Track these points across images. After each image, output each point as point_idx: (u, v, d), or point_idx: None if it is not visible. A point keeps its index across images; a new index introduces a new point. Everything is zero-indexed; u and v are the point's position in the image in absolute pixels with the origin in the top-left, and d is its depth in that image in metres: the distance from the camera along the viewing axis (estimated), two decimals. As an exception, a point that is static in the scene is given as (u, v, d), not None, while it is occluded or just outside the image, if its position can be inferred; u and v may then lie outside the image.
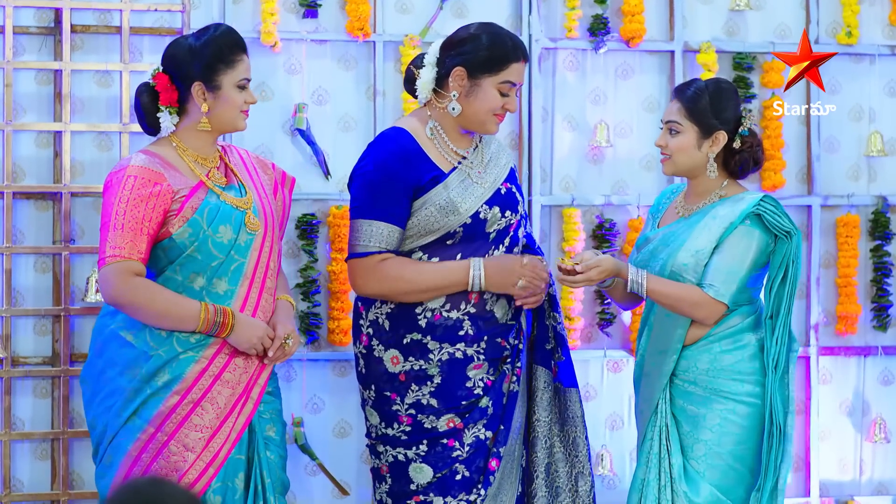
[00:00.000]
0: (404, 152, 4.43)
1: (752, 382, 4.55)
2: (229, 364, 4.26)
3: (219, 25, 4.37)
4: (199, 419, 4.21)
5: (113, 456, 4.23)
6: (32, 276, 5.47)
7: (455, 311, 4.43)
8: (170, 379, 4.20)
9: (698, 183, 4.65)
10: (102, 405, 4.26)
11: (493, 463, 4.45)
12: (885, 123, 6.19)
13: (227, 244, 4.26)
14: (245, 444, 4.32)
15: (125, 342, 4.23)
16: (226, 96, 4.28)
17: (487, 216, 4.45)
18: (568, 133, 5.95)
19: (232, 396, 4.26)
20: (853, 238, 6.07)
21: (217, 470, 4.23)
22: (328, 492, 5.72)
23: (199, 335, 4.23)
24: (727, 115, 4.58)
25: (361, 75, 5.79)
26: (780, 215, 4.53)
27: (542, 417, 4.52)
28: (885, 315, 6.13)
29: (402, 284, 4.39)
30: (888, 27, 6.21)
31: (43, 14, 5.47)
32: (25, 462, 5.47)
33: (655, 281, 4.52)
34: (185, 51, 4.29)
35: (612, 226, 5.90)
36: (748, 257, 4.52)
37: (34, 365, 5.43)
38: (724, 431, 4.52)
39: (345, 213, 5.63)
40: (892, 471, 6.19)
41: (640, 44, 5.95)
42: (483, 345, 4.45)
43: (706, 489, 4.50)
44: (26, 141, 5.46)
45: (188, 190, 4.24)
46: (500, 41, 4.41)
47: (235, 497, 4.28)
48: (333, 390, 5.76)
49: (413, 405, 4.45)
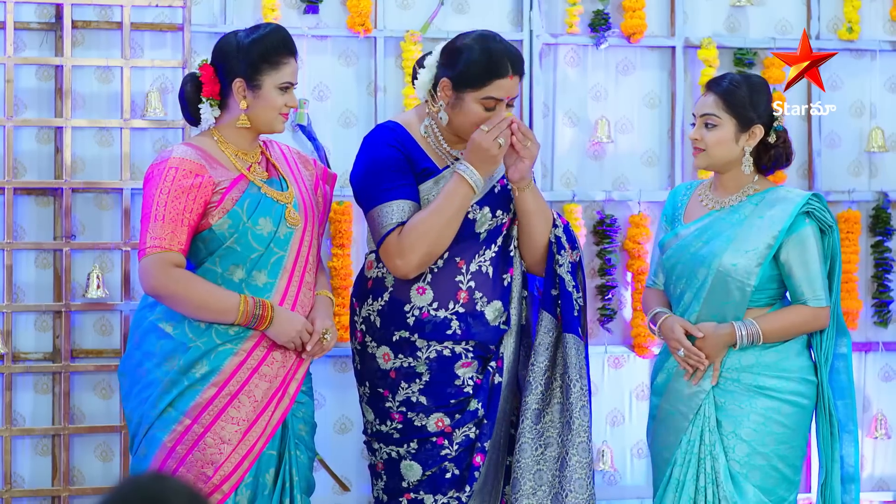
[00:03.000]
0: (397, 141, 4.42)
1: (797, 381, 4.49)
2: (267, 357, 4.25)
3: (269, 25, 4.32)
4: (236, 412, 4.20)
5: (147, 448, 4.21)
6: (33, 271, 5.47)
7: (443, 310, 4.41)
8: (208, 371, 4.19)
9: (730, 177, 4.57)
10: (139, 397, 4.24)
11: (478, 458, 4.42)
12: (887, 119, 6.19)
13: (266, 237, 4.25)
14: (278, 440, 4.31)
15: (164, 333, 4.22)
16: (266, 96, 4.25)
17: (476, 216, 4.41)
18: (569, 129, 5.94)
19: (269, 390, 4.25)
20: (854, 234, 6.07)
21: (252, 463, 4.22)
22: (329, 487, 5.72)
23: (238, 327, 4.22)
24: (763, 109, 4.54)
25: (362, 71, 5.79)
26: (826, 211, 4.53)
27: (538, 362, 4.44)
28: (885, 311, 6.13)
29: (431, 237, 4.30)
30: (889, 23, 6.20)
31: (44, 10, 5.47)
32: (26, 458, 5.47)
33: (766, 324, 4.48)
34: (232, 46, 4.27)
35: (612, 221, 5.90)
36: (819, 254, 4.50)
37: (35, 361, 5.44)
38: (768, 431, 4.46)
39: (346, 209, 5.64)
40: (892, 467, 6.19)
41: (641, 39, 5.95)
42: (472, 343, 4.42)
43: (750, 490, 4.46)
44: (27, 136, 5.46)
45: (229, 182, 4.23)
46: (488, 56, 4.28)
47: (265, 493, 4.28)
48: (334, 386, 5.76)
49: (404, 402, 4.45)
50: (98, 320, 5.48)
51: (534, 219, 4.44)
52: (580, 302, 4.50)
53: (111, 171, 5.50)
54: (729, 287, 4.47)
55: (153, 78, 5.54)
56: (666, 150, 6.03)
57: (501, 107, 4.31)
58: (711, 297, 4.49)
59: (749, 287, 4.45)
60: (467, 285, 4.43)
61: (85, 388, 5.50)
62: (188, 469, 4.16)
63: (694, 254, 4.53)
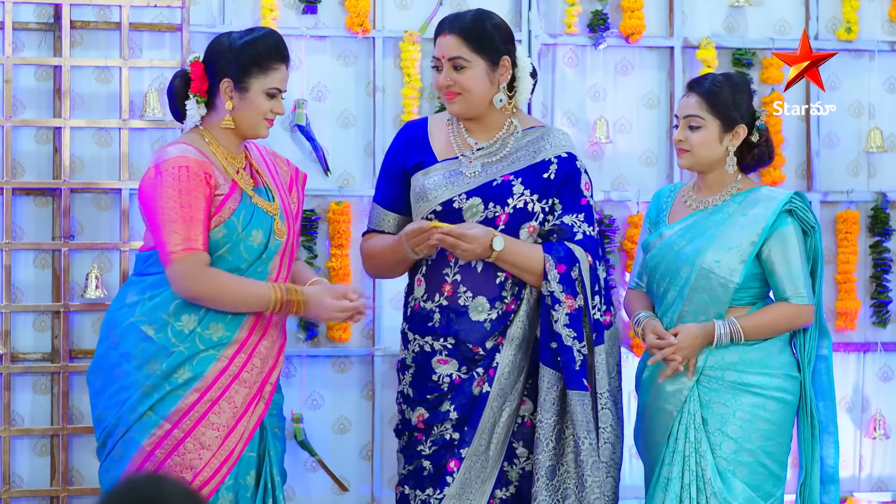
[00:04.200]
0: (405, 138, 4.52)
1: (782, 377, 4.53)
2: (248, 364, 4.26)
3: (264, 29, 4.34)
4: (217, 418, 4.21)
5: (124, 450, 4.21)
6: (32, 272, 5.46)
7: (430, 302, 4.43)
8: (190, 376, 4.19)
9: (714, 177, 4.61)
10: (114, 398, 4.23)
11: (453, 464, 4.38)
12: (885, 119, 6.19)
13: (257, 248, 4.25)
14: (256, 441, 4.32)
15: (146, 336, 4.21)
16: (252, 100, 4.25)
17: (463, 206, 4.40)
18: (567, 129, 5.94)
19: (248, 396, 4.26)
20: (853, 234, 6.07)
21: (230, 468, 4.23)
22: (328, 488, 5.72)
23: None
24: (745, 109, 4.57)
25: (361, 71, 5.78)
26: (808, 210, 4.56)
27: (545, 419, 4.36)
28: (884, 311, 6.13)
29: (365, 258, 4.62)
30: (888, 23, 6.20)
31: (42, 10, 5.47)
32: (25, 458, 5.47)
33: (746, 321, 4.51)
34: (224, 46, 4.27)
35: (611, 222, 5.90)
36: (801, 251, 4.54)
37: (34, 361, 5.43)
38: (754, 427, 4.49)
39: (344, 209, 5.64)
40: (891, 467, 6.19)
41: (640, 40, 5.95)
42: (452, 340, 4.41)
43: (739, 486, 4.48)
44: (26, 137, 5.46)
45: (227, 188, 4.23)
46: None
47: (247, 494, 4.28)
48: (333, 386, 5.76)
49: (401, 394, 4.54)
50: (97, 320, 5.48)
51: (518, 275, 4.43)
52: (584, 351, 4.40)
53: (110, 171, 5.50)
54: (712, 284, 4.51)
55: (152, 78, 5.54)
56: (665, 151, 6.03)
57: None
58: (694, 294, 4.53)
59: (732, 284, 4.49)
60: (453, 278, 4.42)
61: (83, 388, 5.47)
62: (167, 473, 4.15)
63: (678, 252, 4.57)
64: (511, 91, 4.45)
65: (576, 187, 4.48)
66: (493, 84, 4.39)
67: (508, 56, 4.39)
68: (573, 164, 4.50)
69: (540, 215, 4.45)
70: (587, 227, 4.45)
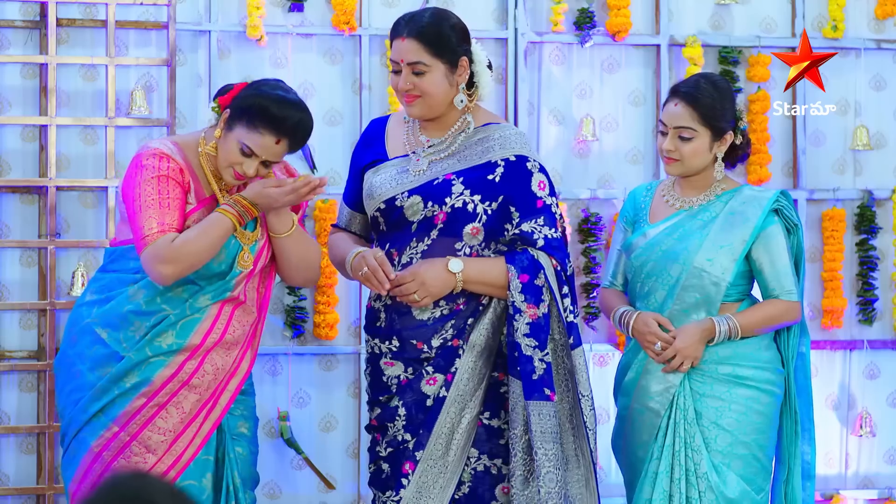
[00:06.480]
0: (366, 137, 4.50)
1: (771, 370, 4.56)
2: (198, 370, 4.22)
3: (289, 98, 4.25)
4: (163, 422, 4.20)
5: (76, 450, 4.22)
6: (18, 269, 5.46)
7: (378, 302, 4.38)
8: (138, 381, 4.18)
9: (699, 178, 4.61)
10: (70, 397, 4.24)
11: (408, 466, 4.31)
12: (871, 117, 6.20)
13: (216, 268, 4.22)
14: (213, 445, 4.30)
15: (98, 339, 4.20)
16: (228, 141, 4.18)
17: (404, 204, 4.31)
18: (554, 127, 5.95)
19: (199, 402, 4.23)
20: (839, 232, 6.09)
21: (180, 472, 4.22)
22: (314, 486, 5.73)
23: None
24: (731, 115, 4.59)
25: (347, 69, 5.79)
26: (792, 209, 4.60)
27: (513, 429, 4.28)
28: (870, 309, 6.14)
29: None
30: (874, 21, 6.22)
31: (28, 8, 5.46)
32: (11, 456, 5.47)
33: (742, 318, 4.52)
34: (253, 86, 4.25)
35: (597, 219, 5.91)
36: (787, 250, 4.57)
37: (20, 359, 5.43)
38: (748, 420, 4.51)
39: (330, 207, 5.64)
40: (877, 465, 6.21)
41: (626, 37, 5.96)
42: (396, 342, 4.34)
43: (733, 480, 4.50)
44: (11, 134, 5.45)
45: (196, 202, 4.20)
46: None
47: (204, 496, 4.27)
48: (319, 384, 5.76)
49: (368, 395, 4.48)
50: (83, 318, 5.48)
51: (489, 292, 4.36)
52: (547, 360, 4.29)
53: (96, 169, 5.49)
54: (703, 283, 4.52)
55: (138, 76, 5.54)
56: (651, 148, 6.03)
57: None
58: (685, 293, 4.54)
59: (724, 283, 4.51)
60: None
61: (70, 386, 5.50)
62: None
63: (666, 251, 4.57)
64: (471, 88, 4.41)
65: (527, 191, 4.33)
66: (453, 86, 4.33)
67: (466, 56, 4.34)
68: (522, 166, 4.35)
69: (483, 217, 4.31)
70: (548, 230, 4.33)
